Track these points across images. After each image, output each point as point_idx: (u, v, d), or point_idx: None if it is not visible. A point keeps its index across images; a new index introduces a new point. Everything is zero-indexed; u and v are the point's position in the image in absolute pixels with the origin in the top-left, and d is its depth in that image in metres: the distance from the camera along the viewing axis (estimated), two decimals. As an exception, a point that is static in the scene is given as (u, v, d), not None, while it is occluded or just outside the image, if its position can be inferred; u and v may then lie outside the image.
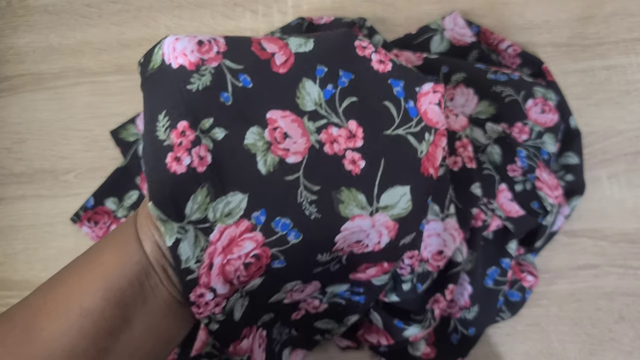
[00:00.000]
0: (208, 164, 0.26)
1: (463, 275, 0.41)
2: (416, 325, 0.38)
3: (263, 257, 0.27)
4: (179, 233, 0.25)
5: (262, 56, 0.28)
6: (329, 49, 0.29)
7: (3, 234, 0.45)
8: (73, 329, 0.24)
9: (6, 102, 0.47)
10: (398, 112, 0.29)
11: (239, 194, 0.27)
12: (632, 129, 0.45)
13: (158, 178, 0.26)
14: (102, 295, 0.24)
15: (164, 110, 0.27)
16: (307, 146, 0.28)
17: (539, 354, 0.42)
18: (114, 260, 0.26)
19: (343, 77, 0.29)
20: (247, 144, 0.27)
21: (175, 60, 0.27)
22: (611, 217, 0.44)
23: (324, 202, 0.28)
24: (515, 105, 0.42)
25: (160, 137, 0.26)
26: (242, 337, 0.31)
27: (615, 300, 0.42)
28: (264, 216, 0.27)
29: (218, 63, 0.28)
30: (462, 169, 0.41)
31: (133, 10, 0.48)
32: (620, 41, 0.46)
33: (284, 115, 0.28)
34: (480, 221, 0.41)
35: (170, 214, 0.25)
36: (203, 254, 0.26)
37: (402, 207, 0.29)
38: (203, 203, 0.26)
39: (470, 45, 0.45)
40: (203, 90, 0.27)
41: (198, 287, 0.26)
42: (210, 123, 0.27)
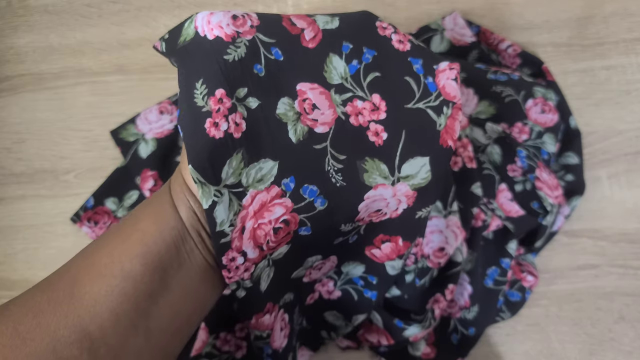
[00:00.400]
0: (243, 130, 0.28)
1: (463, 275, 0.41)
2: (416, 325, 0.38)
3: (292, 222, 0.29)
4: (215, 196, 0.27)
5: (292, 31, 0.30)
6: (353, 27, 0.31)
7: (3, 234, 0.45)
8: (115, 291, 0.24)
9: (6, 102, 0.47)
10: (418, 87, 0.31)
11: (270, 161, 0.28)
12: (632, 129, 0.45)
13: (197, 142, 0.27)
14: (140, 261, 0.25)
15: (201, 79, 0.28)
16: (334, 117, 0.29)
17: (539, 354, 0.42)
18: (151, 227, 0.27)
19: (367, 53, 0.31)
20: (279, 114, 0.29)
21: (210, 32, 0.28)
22: (611, 217, 0.44)
23: (349, 170, 0.29)
24: (515, 105, 0.42)
25: (198, 104, 0.27)
26: (265, 311, 0.32)
27: (615, 300, 0.42)
28: (293, 183, 0.28)
29: (252, 36, 0.29)
30: (463, 169, 0.41)
31: (133, 10, 0.48)
32: (620, 41, 0.46)
33: (312, 87, 0.29)
34: (480, 221, 0.41)
35: (208, 177, 0.27)
36: (236, 217, 0.27)
37: (422, 177, 0.30)
38: (237, 168, 0.27)
39: (470, 45, 0.45)
40: (239, 61, 0.28)
41: (230, 250, 0.27)
42: (244, 92, 0.28)
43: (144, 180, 0.44)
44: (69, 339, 0.23)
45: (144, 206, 0.29)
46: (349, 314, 0.38)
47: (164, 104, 0.45)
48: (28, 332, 0.23)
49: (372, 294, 0.37)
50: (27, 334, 0.23)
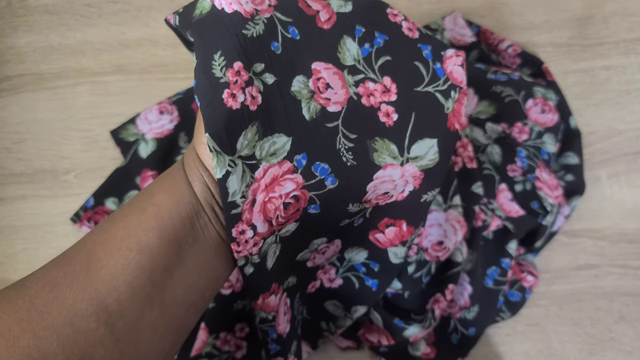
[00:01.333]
0: (259, 104, 0.28)
1: (463, 275, 0.41)
2: (416, 325, 0.38)
3: (302, 199, 0.29)
4: (229, 166, 0.27)
5: (308, 12, 0.30)
6: (365, 12, 0.32)
7: (3, 234, 0.45)
8: (131, 264, 0.25)
9: (6, 102, 0.47)
10: (427, 72, 0.32)
11: (283, 136, 0.29)
12: (632, 129, 0.45)
13: (215, 111, 0.27)
14: (156, 234, 0.26)
15: (219, 51, 0.28)
16: (346, 97, 0.30)
17: (539, 354, 0.42)
18: (166, 201, 0.27)
19: (378, 38, 0.31)
20: (294, 91, 0.29)
21: (229, 6, 0.28)
22: (611, 217, 0.44)
23: (360, 149, 0.30)
24: (515, 105, 0.42)
25: (217, 75, 0.27)
26: (272, 291, 0.32)
27: (615, 300, 0.42)
28: (305, 160, 0.29)
29: (270, 14, 0.29)
30: (463, 169, 0.41)
31: (133, 10, 0.48)
32: (620, 41, 0.46)
33: (327, 67, 0.30)
34: (480, 221, 0.41)
35: (224, 146, 0.27)
36: (248, 190, 0.28)
37: (429, 159, 0.31)
38: (252, 140, 0.28)
39: (470, 45, 0.45)
40: (257, 37, 0.28)
41: (240, 222, 0.28)
42: (261, 68, 0.29)
43: (144, 180, 0.44)
44: (87, 312, 0.23)
45: (158, 181, 0.29)
46: (349, 303, 0.38)
47: (164, 104, 0.45)
48: (45, 306, 0.23)
49: (373, 282, 0.37)
50: (44, 308, 0.23)
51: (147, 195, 0.28)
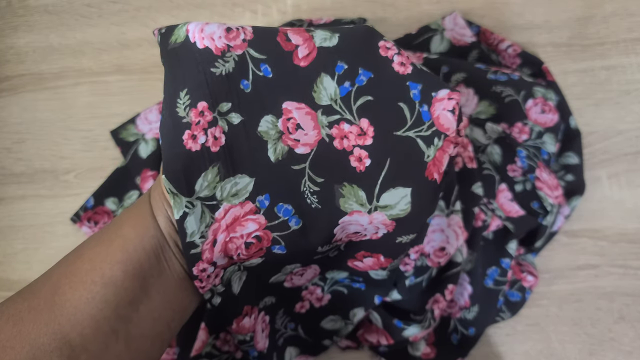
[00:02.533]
0: (222, 145, 0.28)
1: (463, 275, 0.41)
2: (416, 325, 0.38)
3: (264, 239, 0.29)
4: (187, 207, 0.27)
5: (285, 47, 0.29)
6: (352, 45, 0.30)
7: (3, 234, 0.45)
8: (96, 298, 0.25)
9: (6, 102, 0.47)
10: (411, 115, 0.30)
11: (246, 177, 0.28)
12: (632, 129, 0.45)
13: (173, 153, 0.27)
14: (121, 267, 0.26)
15: (185, 89, 0.28)
16: (317, 139, 0.29)
17: (539, 354, 0.42)
18: (132, 234, 0.27)
19: (362, 75, 0.30)
20: (261, 131, 0.29)
21: (201, 41, 0.28)
22: (611, 217, 0.44)
23: (326, 194, 0.29)
24: (515, 105, 0.42)
25: (180, 114, 0.27)
26: (244, 314, 0.32)
27: (615, 300, 0.42)
28: (268, 200, 0.28)
29: (242, 51, 0.28)
30: (463, 169, 0.41)
31: (133, 10, 0.48)
32: (620, 41, 0.46)
33: (299, 107, 0.29)
34: (480, 221, 0.41)
35: (181, 188, 0.27)
36: (208, 230, 0.27)
37: (400, 208, 0.29)
38: (213, 181, 0.27)
39: (470, 45, 0.45)
40: (226, 75, 0.28)
41: (201, 262, 0.28)
42: (228, 107, 0.28)
43: (144, 181, 0.44)
44: (49, 347, 0.23)
45: (125, 214, 0.29)
46: (346, 310, 0.38)
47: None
48: (8, 340, 0.23)
49: (360, 284, 0.37)
50: (7, 342, 0.23)
51: (114, 227, 0.28)
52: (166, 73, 0.28)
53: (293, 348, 0.39)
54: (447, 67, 0.44)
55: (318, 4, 0.47)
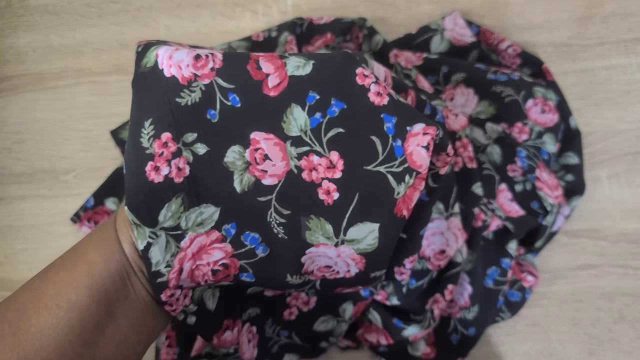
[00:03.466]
0: (186, 175, 0.28)
1: (463, 275, 0.41)
2: (415, 325, 0.38)
3: (231, 266, 0.29)
4: (150, 238, 0.27)
5: (255, 76, 0.28)
6: (326, 74, 0.29)
7: (3, 234, 0.45)
8: (61, 322, 0.25)
9: (6, 102, 0.47)
10: (383, 149, 0.29)
11: (211, 206, 0.28)
12: (632, 129, 0.45)
13: (136, 184, 0.27)
14: (87, 292, 0.26)
15: (150, 118, 0.27)
16: (285, 170, 0.28)
17: (539, 354, 0.42)
18: (97, 258, 0.27)
19: (334, 106, 0.29)
20: (227, 162, 0.28)
21: (168, 69, 0.28)
22: (611, 217, 0.44)
23: (292, 226, 0.28)
24: (515, 105, 0.42)
25: (143, 144, 0.27)
26: (224, 328, 0.32)
27: (615, 300, 0.42)
28: (234, 229, 0.28)
29: (210, 80, 0.28)
30: (463, 169, 0.41)
31: (133, 10, 0.48)
32: (620, 41, 0.46)
33: (267, 137, 0.28)
34: (480, 221, 0.41)
35: (144, 219, 0.27)
36: (173, 259, 0.27)
37: (368, 243, 0.29)
38: (176, 212, 0.27)
39: (470, 45, 0.45)
40: (192, 106, 0.28)
41: (168, 289, 0.27)
42: (193, 138, 0.28)
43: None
44: None
45: (90, 237, 0.29)
46: (335, 308, 0.38)
47: (164, 104, 0.45)
48: None
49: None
50: None
51: (80, 251, 0.28)
52: (133, 99, 0.28)
53: (292, 355, 0.39)
54: (447, 67, 0.44)
55: (318, 4, 0.47)
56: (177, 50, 0.28)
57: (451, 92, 0.44)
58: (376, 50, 0.45)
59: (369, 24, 0.45)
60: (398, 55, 0.44)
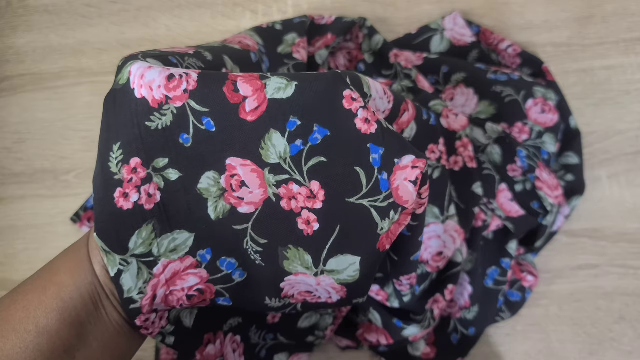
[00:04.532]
0: (157, 201, 0.27)
1: (463, 275, 0.41)
2: (415, 325, 0.38)
3: (207, 292, 0.28)
4: (121, 265, 0.26)
5: (231, 99, 0.26)
6: (309, 98, 0.27)
7: (3, 234, 0.45)
8: (30, 347, 0.24)
9: (6, 102, 0.47)
10: (368, 182, 0.27)
11: (185, 232, 0.27)
12: (632, 129, 0.45)
13: (104, 211, 0.26)
14: (56, 316, 0.25)
15: (119, 142, 0.26)
16: (263, 198, 0.27)
17: (539, 354, 0.42)
18: (68, 281, 0.26)
19: (317, 133, 0.27)
20: (201, 189, 0.27)
21: (139, 89, 0.26)
22: (611, 217, 0.44)
23: (269, 255, 0.27)
24: (515, 105, 0.42)
25: (111, 169, 0.26)
26: (206, 342, 0.31)
27: (615, 300, 0.42)
28: (210, 255, 0.27)
29: (183, 103, 0.26)
30: (463, 168, 0.41)
31: (133, 10, 0.48)
32: (620, 41, 0.46)
33: (244, 164, 0.27)
34: (480, 221, 0.41)
35: (113, 247, 0.26)
36: (146, 285, 0.26)
37: (349, 275, 0.28)
38: (148, 238, 0.26)
39: (470, 45, 0.45)
40: (162, 129, 0.26)
41: (142, 314, 0.27)
42: (164, 163, 0.27)
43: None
44: None
45: (62, 257, 0.28)
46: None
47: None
48: None
49: None
50: None
51: (51, 272, 0.27)
52: (103, 118, 0.27)
53: (281, 354, 0.39)
54: (447, 67, 0.44)
55: (318, 4, 0.47)
56: (150, 69, 0.26)
57: (451, 92, 0.44)
58: (376, 50, 0.45)
59: (369, 23, 0.45)
60: (398, 55, 0.44)
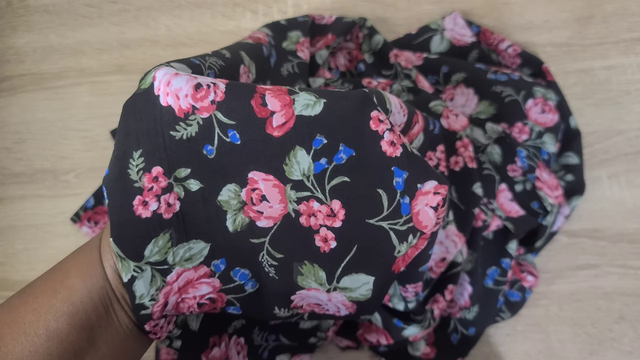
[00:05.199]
0: (175, 211, 0.26)
1: (463, 275, 0.41)
2: (415, 325, 0.38)
3: (218, 301, 0.28)
4: (135, 272, 0.26)
5: (259, 114, 0.26)
6: (337, 116, 0.27)
7: (3, 234, 0.45)
8: (39, 350, 0.24)
9: (6, 102, 0.47)
10: (390, 205, 0.27)
11: (201, 242, 0.27)
12: (632, 129, 0.45)
13: (122, 217, 0.26)
14: (67, 320, 0.25)
15: (140, 149, 0.26)
16: (282, 213, 0.27)
17: (539, 354, 0.42)
18: (79, 284, 0.26)
19: (342, 152, 0.27)
20: (221, 201, 0.27)
21: (165, 97, 0.26)
22: (611, 217, 0.44)
23: (284, 269, 0.28)
24: (515, 105, 0.42)
25: (132, 177, 0.26)
26: (212, 345, 0.31)
27: (615, 300, 0.42)
28: (224, 265, 0.27)
29: (210, 114, 0.26)
30: (464, 168, 0.41)
31: (133, 10, 0.48)
32: (620, 41, 0.46)
33: (266, 178, 0.27)
34: (480, 221, 0.41)
35: (129, 253, 0.26)
36: (158, 293, 0.26)
37: (361, 293, 0.28)
38: (164, 247, 0.26)
39: (470, 45, 0.45)
40: (187, 140, 0.26)
41: (152, 320, 0.27)
42: (186, 173, 0.26)
43: (144, 181, 0.44)
44: None
45: (73, 259, 0.28)
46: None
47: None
48: None
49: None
50: None
51: (61, 274, 0.27)
52: (121, 122, 0.26)
53: (283, 355, 0.39)
54: (447, 67, 0.44)
55: (318, 4, 0.47)
56: (177, 76, 0.26)
57: (451, 92, 0.44)
58: (376, 50, 0.45)
59: (369, 23, 0.45)
60: (398, 55, 0.44)
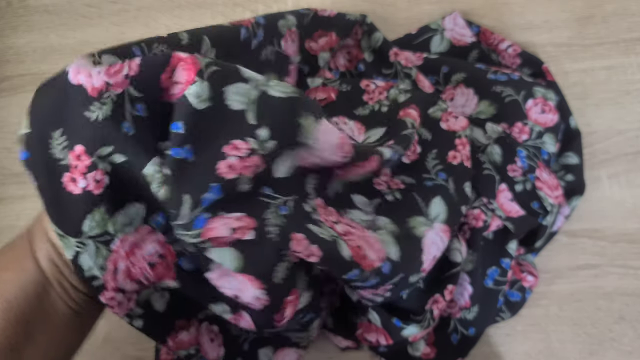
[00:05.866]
0: (105, 184, 0.26)
1: (463, 275, 0.41)
2: (415, 325, 0.38)
3: (168, 255, 0.28)
4: (77, 247, 0.26)
5: (164, 84, 0.27)
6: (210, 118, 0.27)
7: (3, 234, 0.45)
8: None
9: (6, 102, 0.47)
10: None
11: (136, 204, 0.27)
12: (632, 129, 0.45)
13: (55, 196, 0.26)
14: (2, 316, 0.25)
15: (60, 129, 0.26)
16: None
17: (539, 354, 0.42)
18: (11, 279, 0.26)
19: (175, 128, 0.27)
20: (146, 173, 0.27)
21: (75, 76, 0.26)
22: (611, 217, 0.44)
23: None
24: (515, 105, 0.42)
25: (56, 155, 0.26)
26: (178, 329, 0.31)
27: (615, 300, 0.42)
28: (162, 218, 0.28)
29: (122, 90, 0.26)
30: (460, 165, 0.40)
31: (133, 10, 0.48)
32: (620, 41, 0.46)
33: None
34: (480, 221, 0.41)
35: (67, 230, 0.26)
36: (106, 262, 0.26)
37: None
38: (102, 220, 0.26)
39: (470, 45, 0.45)
40: (103, 120, 0.26)
41: (106, 291, 0.27)
42: (109, 150, 0.26)
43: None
44: None
45: (3, 255, 0.28)
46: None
47: (164, 104, 0.45)
48: None
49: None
50: None
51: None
52: (33, 104, 0.27)
53: (266, 349, 0.38)
54: (447, 67, 0.44)
55: (318, 5, 0.47)
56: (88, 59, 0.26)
57: (451, 92, 0.44)
58: (376, 48, 0.45)
59: (369, 20, 0.45)
60: (398, 53, 0.44)
